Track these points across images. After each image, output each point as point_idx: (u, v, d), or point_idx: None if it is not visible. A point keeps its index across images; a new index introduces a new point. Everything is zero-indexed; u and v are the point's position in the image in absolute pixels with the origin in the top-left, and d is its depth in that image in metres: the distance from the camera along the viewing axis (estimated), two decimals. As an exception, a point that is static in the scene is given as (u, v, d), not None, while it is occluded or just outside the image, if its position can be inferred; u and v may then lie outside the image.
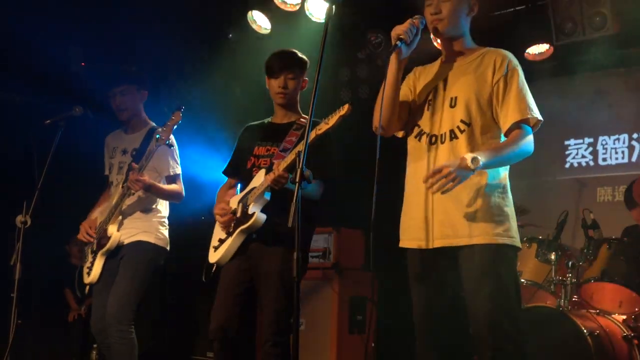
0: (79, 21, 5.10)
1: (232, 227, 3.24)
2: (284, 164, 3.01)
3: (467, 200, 2.60)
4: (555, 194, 5.40)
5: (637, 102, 5.36)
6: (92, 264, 3.88)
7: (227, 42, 5.82)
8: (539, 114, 2.64)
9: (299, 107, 3.45)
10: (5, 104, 4.17)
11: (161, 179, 3.92)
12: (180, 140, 3.98)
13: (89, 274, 3.89)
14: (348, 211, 5.21)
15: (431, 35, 2.99)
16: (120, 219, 3.87)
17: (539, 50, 5.28)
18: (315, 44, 2.73)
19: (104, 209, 3.97)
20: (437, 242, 2.64)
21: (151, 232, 3.89)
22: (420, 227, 2.68)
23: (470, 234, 2.58)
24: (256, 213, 3.13)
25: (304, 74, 3.42)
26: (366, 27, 5.51)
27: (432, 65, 2.89)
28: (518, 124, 2.62)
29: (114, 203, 3.85)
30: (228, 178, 3.55)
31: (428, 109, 2.77)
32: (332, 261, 5.23)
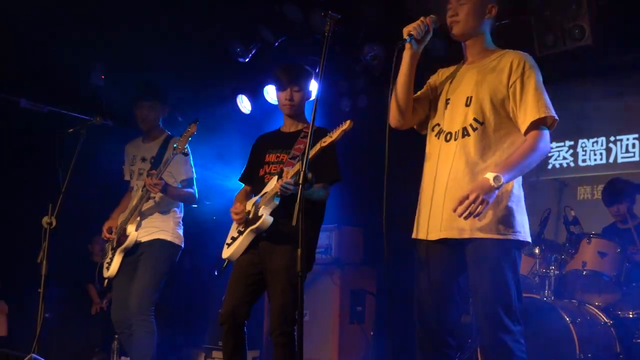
0: (101, 38, 5.15)
1: (243, 227, 3.28)
2: (292, 172, 3.06)
3: None
4: (538, 193, 5.39)
5: (614, 108, 5.38)
6: (111, 259, 3.93)
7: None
8: (555, 113, 2.56)
9: (305, 116, 3.47)
10: (33, 115, 4.19)
11: (177, 183, 3.95)
12: (193, 149, 4.01)
13: (108, 268, 3.94)
14: (348, 211, 5.23)
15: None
16: (139, 219, 3.92)
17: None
18: (317, 57, 2.74)
19: (125, 210, 4.03)
20: (443, 234, 2.60)
21: (168, 231, 3.94)
22: (431, 219, 2.65)
23: (475, 228, 2.54)
24: (264, 215, 3.18)
25: (310, 85, 3.44)
26: (363, 41, 5.52)
27: (455, 66, 2.83)
28: (535, 124, 2.54)
29: (133, 205, 3.91)
30: (244, 184, 3.57)
31: (446, 107, 2.73)
32: (334, 256, 5.24)
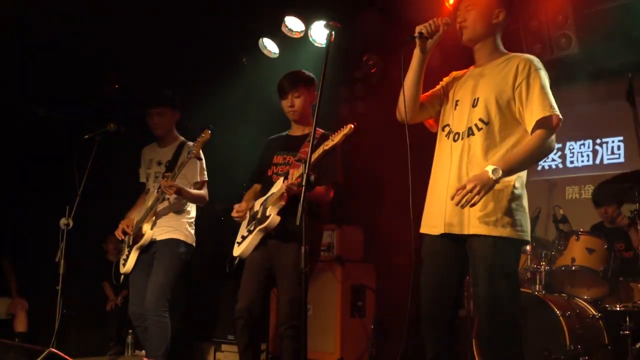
0: (115, 48, 5.16)
1: (252, 226, 3.31)
2: (297, 173, 3.08)
3: None
4: (529, 193, 5.34)
5: (600, 112, 5.37)
6: (127, 256, 3.94)
7: (242, 65, 5.85)
8: (559, 113, 2.53)
9: (311, 119, 3.47)
10: (51, 122, 4.20)
11: (190, 185, 3.96)
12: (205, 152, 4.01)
13: (124, 265, 3.95)
14: (349, 210, 5.22)
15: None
16: (154, 219, 3.92)
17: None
18: (319, 65, 2.74)
19: (140, 210, 4.04)
20: (447, 229, 2.60)
21: (181, 231, 3.95)
22: (436, 215, 2.65)
23: (476, 225, 2.53)
24: (272, 215, 3.20)
25: (312, 89, 3.45)
26: (362, 50, 5.52)
27: (466, 70, 2.83)
28: (541, 124, 2.51)
29: (149, 205, 3.92)
30: (253, 184, 3.59)
31: (455, 108, 2.72)
32: (336, 254, 5.23)
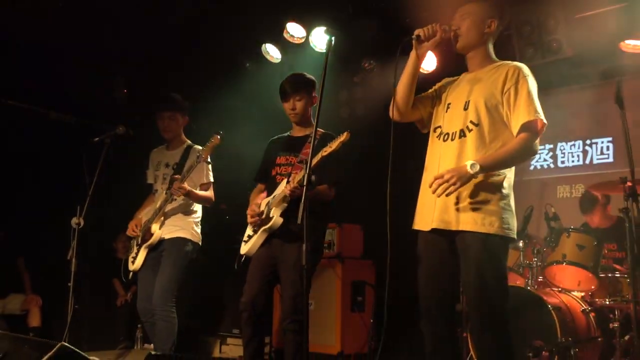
0: (124, 55, 5.14)
1: (257, 226, 3.32)
2: (298, 177, 3.09)
3: (467, 193, 2.56)
4: (522, 192, 5.36)
5: (589, 114, 5.36)
6: (136, 254, 3.96)
7: (245, 70, 5.84)
8: (544, 118, 2.57)
9: (312, 120, 3.47)
10: (62, 125, 4.18)
11: (197, 187, 3.97)
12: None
13: (133, 262, 3.96)
14: (349, 209, 5.21)
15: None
16: (163, 219, 3.94)
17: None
18: (319, 70, 2.73)
19: (148, 210, 4.05)
20: (435, 224, 2.61)
21: (188, 230, 3.97)
22: (427, 212, 2.67)
23: (464, 222, 2.54)
24: (275, 216, 3.21)
25: (313, 92, 3.45)
26: (361, 55, 5.51)
27: (458, 76, 2.87)
28: (526, 127, 2.54)
29: (158, 206, 3.93)
30: (258, 184, 3.59)
31: (447, 111, 2.76)
32: (336, 251, 5.22)
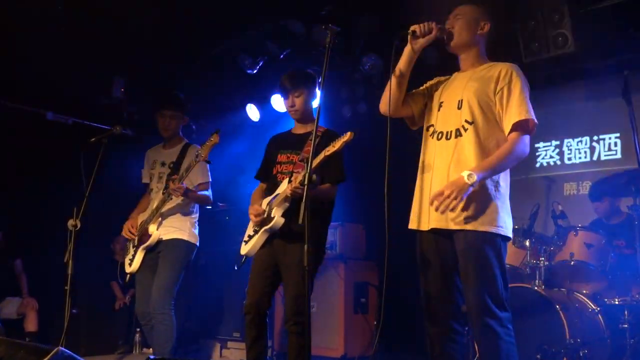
0: (123, 57, 5.14)
1: (258, 227, 3.29)
2: (300, 177, 3.05)
3: None
4: (528, 190, 5.35)
5: (596, 109, 5.32)
6: (133, 256, 3.93)
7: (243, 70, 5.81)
8: (535, 117, 2.60)
9: (313, 117, 3.42)
10: (59, 126, 4.16)
11: (194, 187, 3.93)
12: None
13: (130, 264, 3.93)
14: (351, 209, 5.17)
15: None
16: (160, 219, 3.90)
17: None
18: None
19: (145, 211, 4.01)
20: (432, 223, 2.63)
21: (185, 231, 3.93)
22: (423, 211, 2.68)
23: (461, 221, 2.55)
24: (276, 217, 3.18)
25: (313, 88, 3.40)
26: (361, 52, 5.47)
27: (450, 76, 2.89)
28: (517, 127, 2.57)
29: (155, 206, 3.89)
30: (260, 182, 3.55)
31: (439, 109, 2.77)
32: (338, 252, 5.19)
